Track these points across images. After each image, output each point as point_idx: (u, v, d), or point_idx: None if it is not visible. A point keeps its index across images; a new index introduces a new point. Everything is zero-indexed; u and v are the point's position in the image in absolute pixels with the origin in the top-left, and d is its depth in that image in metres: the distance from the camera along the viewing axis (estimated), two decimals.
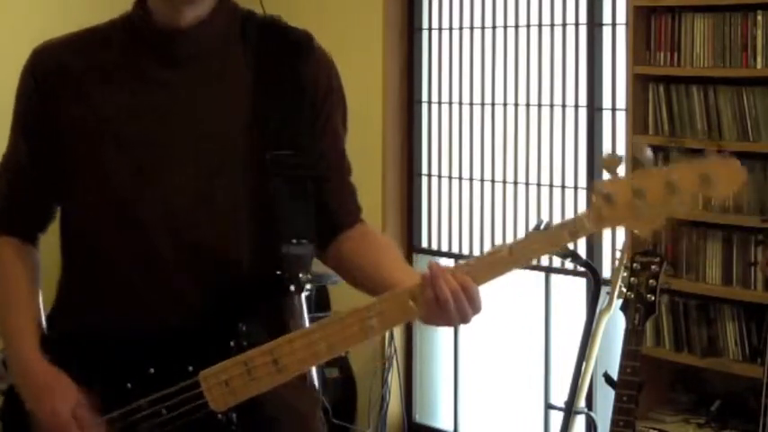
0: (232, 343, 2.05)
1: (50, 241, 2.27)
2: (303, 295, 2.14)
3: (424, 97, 5.60)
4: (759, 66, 4.11)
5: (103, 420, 2.07)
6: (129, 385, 2.06)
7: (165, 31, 2.11)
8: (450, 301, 1.99)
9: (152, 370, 2.06)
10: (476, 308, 2.02)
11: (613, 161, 2.06)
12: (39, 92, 2.14)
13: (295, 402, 2.15)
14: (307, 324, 2.14)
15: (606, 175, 2.07)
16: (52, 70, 2.13)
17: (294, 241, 2.08)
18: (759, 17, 4.09)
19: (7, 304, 2.18)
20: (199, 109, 2.11)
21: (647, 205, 2.02)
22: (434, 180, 5.59)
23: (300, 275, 2.09)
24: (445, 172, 5.53)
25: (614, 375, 3.66)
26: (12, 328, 2.16)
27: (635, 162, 2.06)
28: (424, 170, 5.62)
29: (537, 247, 2.04)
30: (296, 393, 2.13)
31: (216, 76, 2.12)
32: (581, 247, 4.82)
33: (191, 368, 2.04)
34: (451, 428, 5.52)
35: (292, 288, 2.10)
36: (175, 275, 2.08)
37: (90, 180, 2.11)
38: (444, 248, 5.54)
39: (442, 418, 5.60)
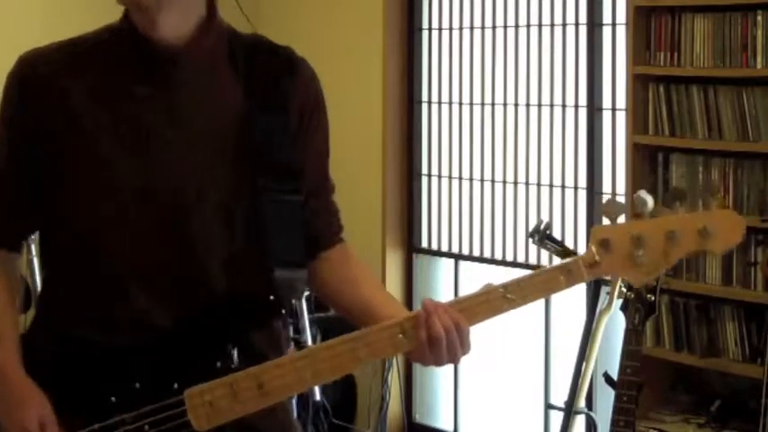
0: (219, 363, 2.04)
1: None
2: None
3: (424, 97, 5.60)
4: (759, 66, 4.11)
5: None
6: (113, 399, 2.05)
7: (161, 47, 2.08)
8: (442, 340, 2.00)
9: (137, 385, 2.05)
10: (465, 348, 2.04)
11: (615, 207, 2.06)
12: (24, 99, 2.11)
13: (281, 420, 2.16)
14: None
15: (606, 221, 2.07)
16: (39, 78, 2.10)
17: (287, 266, 2.07)
18: (759, 17, 4.09)
19: None
20: (186, 129, 2.08)
21: (646, 255, 2.02)
22: (434, 180, 5.59)
23: (293, 301, 2.09)
24: (445, 172, 5.53)
25: (614, 375, 3.66)
26: None
27: (634, 213, 2.05)
28: (424, 170, 5.62)
29: (532, 291, 2.05)
30: (270, 416, 2.11)
31: (205, 96, 2.10)
32: (581, 247, 4.82)
33: (176, 385, 2.03)
34: (451, 428, 5.52)
35: (283, 311, 2.10)
36: (164, 293, 2.07)
37: (73, 193, 2.09)
38: (444, 248, 5.54)
39: (442, 418, 5.60)
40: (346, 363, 2.02)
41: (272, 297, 2.08)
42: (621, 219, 2.05)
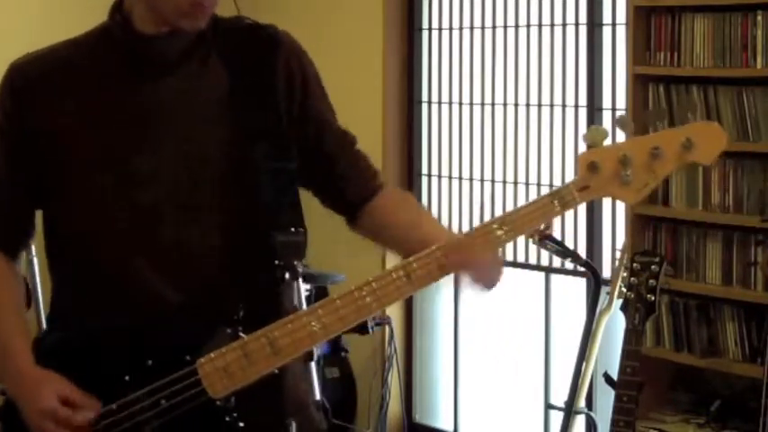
0: (228, 330, 2.07)
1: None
2: (300, 282, 2.18)
3: (424, 97, 5.60)
4: (759, 66, 4.11)
5: (99, 402, 2.09)
6: (127, 378, 2.09)
7: (146, 38, 2.13)
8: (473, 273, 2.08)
9: (150, 362, 2.08)
10: (498, 270, 2.11)
11: (597, 133, 2.09)
12: (16, 106, 2.16)
13: (292, 384, 2.19)
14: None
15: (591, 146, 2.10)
16: (30, 84, 2.16)
17: (286, 230, 2.12)
18: (759, 17, 4.09)
19: None
20: (179, 113, 2.14)
21: (633, 173, 2.05)
22: (434, 180, 5.59)
23: (295, 263, 2.12)
24: (445, 172, 5.53)
25: (614, 375, 3.66)
26: (1, 337, 2.18)
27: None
28: (424, 170, 5.62)
29: (528, 221, 2.09)
30: (292, 376, 2.17)
31: (194, 81, 2.15)
32: (581, 247, 4.82)
33: (188, 358, 2.06)
34: (451, 428, 5.52)
35: (287, 276, 2.12)
36: (170, 270, 2.12)
37: (74, 187, 2.14)
38: None
39: (442, 418, 5.60)
40: (354, 312, 2.05)
41: (276, 261, 2.11)
42: (607, 142, 2.10)
